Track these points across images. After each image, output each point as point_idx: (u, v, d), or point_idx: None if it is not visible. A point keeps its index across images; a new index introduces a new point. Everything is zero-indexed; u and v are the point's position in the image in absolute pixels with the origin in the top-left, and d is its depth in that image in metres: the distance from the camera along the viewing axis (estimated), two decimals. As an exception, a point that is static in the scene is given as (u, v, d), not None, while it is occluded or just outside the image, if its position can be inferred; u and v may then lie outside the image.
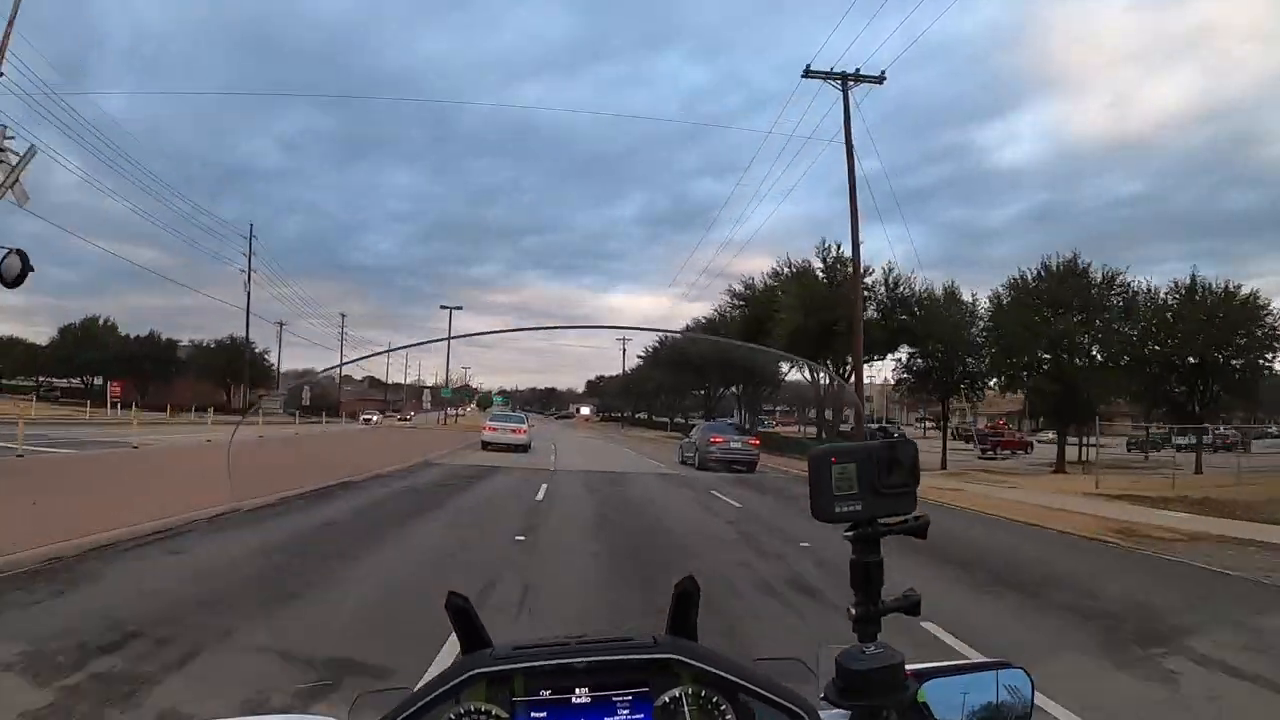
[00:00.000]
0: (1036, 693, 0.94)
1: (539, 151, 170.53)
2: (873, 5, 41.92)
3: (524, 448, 22.63)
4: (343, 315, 67.47)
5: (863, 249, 21.95)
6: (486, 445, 22.66)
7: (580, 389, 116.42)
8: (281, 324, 62.43)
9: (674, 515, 11.31)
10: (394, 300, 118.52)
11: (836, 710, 0.88)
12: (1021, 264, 34.32)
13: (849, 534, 0.83)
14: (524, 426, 23.53)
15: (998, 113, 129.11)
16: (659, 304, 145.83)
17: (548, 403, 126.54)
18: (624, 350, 65.54)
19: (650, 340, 59.25)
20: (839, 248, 26.70)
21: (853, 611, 0.83)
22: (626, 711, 0.88)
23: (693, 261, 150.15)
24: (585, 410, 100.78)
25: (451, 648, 1.24)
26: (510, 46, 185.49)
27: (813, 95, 28.91)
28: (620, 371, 75.15)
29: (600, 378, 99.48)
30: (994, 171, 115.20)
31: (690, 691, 0.90)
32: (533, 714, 0.87)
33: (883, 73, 20.98)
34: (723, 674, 0.90)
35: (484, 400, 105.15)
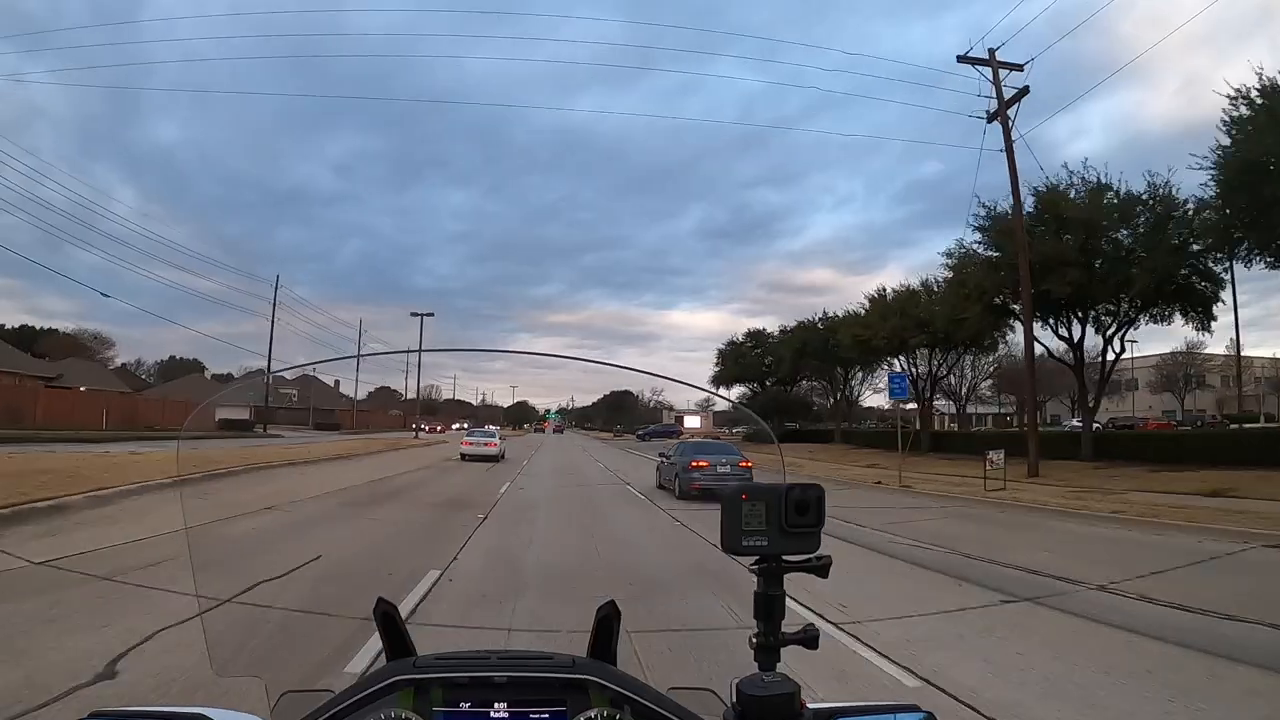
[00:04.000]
0: None
1: (594, 167, 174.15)
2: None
3: (496, 458, 25.43)
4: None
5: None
6: (464, 456, 25.44)
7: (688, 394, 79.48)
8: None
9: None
10: (454, 323, 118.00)
11: None
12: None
13: (754, 568, 0.87)
14: (496, 441, 26.92)
15: (1066, 104, 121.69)
16: (720, 319, 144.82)
17: (615, 413, 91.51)
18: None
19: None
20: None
21: (754, 641, 0.87)
22: None
23: (752, 274, 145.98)
24: (693, 423, 61.88)
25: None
26: (561, 58, 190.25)
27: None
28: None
29: (756, 338, 53.20)
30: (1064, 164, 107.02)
31: (605, 714, 0.93)
32: None
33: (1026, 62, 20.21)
34: (637, 698, 0.94)
35: (520, 418, 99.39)
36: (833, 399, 50.23)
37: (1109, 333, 23.89)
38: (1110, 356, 24.41)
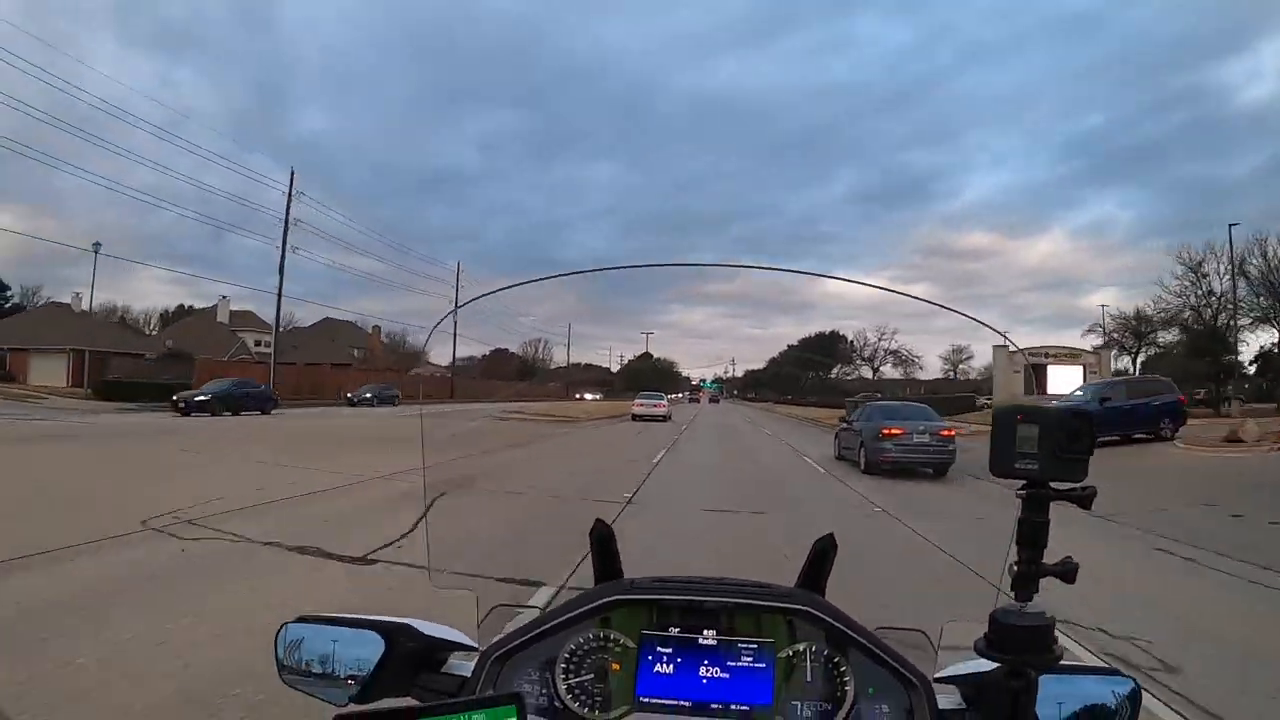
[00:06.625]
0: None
1: (738, 134, 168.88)
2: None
3: (665, 418, 28.34)
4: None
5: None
6: (636, 417, 28.27)
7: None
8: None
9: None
10: (604, 294, 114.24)
11: (950, 686, 0.91)
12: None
13: (1020, 493, 0.82)
14: (663, 402, 29.90)
15: (1239, 45, 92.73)
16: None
17: (806, 369, 62.85)
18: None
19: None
20: None
21: (1013, 569, 0.82)
22: (750, 659, 0.91)
23: (907, 239, 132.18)
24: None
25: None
26: (699, 22, 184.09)
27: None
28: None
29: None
30: (1236, 116, 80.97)
31: (814, 648, 0.92)
32: (659, 648, 0.92)
33: None
34: (850, 634, 0.91)
35: (653, 381, 55.78)
36: None
37: None
38: None
